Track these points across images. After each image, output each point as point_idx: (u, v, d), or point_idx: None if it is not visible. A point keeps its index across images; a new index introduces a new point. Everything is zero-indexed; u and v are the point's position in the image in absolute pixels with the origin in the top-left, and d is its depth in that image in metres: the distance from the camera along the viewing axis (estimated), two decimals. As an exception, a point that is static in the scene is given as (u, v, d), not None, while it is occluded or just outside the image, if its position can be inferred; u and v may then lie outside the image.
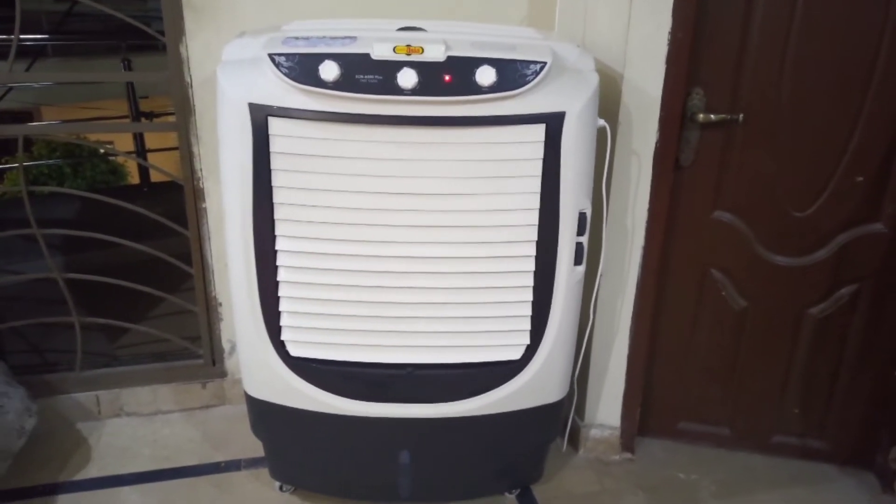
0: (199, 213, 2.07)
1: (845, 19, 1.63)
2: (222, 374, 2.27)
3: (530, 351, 1.62)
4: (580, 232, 1.53)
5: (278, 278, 1.52)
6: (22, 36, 1.88)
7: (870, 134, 1.72)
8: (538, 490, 1.96)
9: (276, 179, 1.44)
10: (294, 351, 1.59)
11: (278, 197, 1.45)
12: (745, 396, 2.05)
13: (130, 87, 4.23)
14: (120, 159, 6.30)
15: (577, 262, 1.56)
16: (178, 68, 1.91)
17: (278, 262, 1.51)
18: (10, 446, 1.83)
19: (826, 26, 1.64)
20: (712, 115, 1.75)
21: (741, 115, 1.73)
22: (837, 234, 1.83)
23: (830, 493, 1.98)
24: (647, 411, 2.11)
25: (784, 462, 2.08)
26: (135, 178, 6.04)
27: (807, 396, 2.01)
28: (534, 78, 1.38)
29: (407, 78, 1.35)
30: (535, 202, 1.48)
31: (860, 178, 1.76)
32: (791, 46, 1.67)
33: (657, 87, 1.70)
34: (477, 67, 1.36)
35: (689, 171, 1.82)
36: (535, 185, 1.46)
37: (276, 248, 1.49)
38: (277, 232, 1.48)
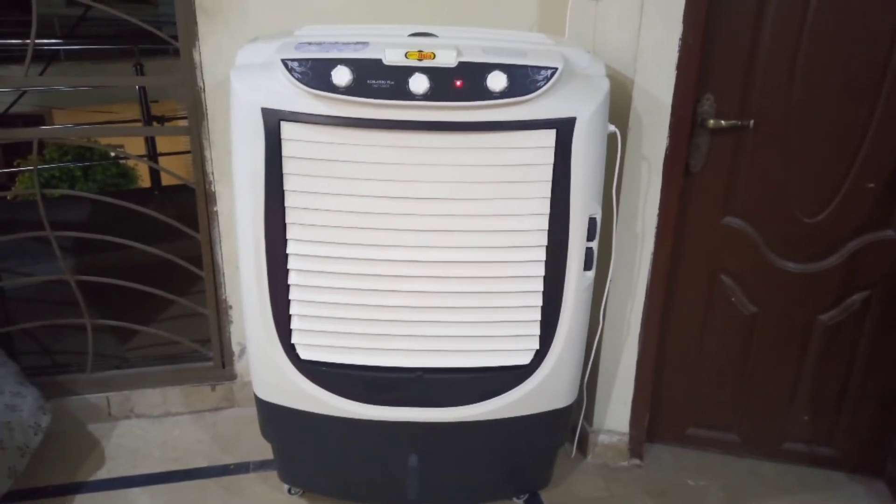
0: (211, 217, 2.08)
1: (856, 25, 1.63)
2: (232, 376, 2.28)
3: (539, 356, 1.62)
4: (590, 237, 1.54)
5: (289, 282, 1.53)
6: (38, 40, 1.89)
7: (881, 140, 1.71)
8: (546, 495, 1.96)
9: (288, 183, 1.44)
10: (304, 354, 1.60)
11: (290, 201, 1.46)
12: (754, 403, 2.04)
13: (142, 91, 4.27)
14: (130, 163, 6.34)
15: (587, 267, 1.56)
16: (190, 72, 1.93)
17: (289, 266, 1.52)
18: (28, 442, 1.85)
19: (837, 32, 1.64)
20: (723, 121, 1.75)
21: (752, 121, 1.73)
22: (848, 240, 1.82)
23: (839, 500, 1.97)
24: (655, 417, 2.11)
25: (793, 469, 2.07)
26: (145, 182, 6.09)
27: (816, 403, 2.00)
28: (545, 83, 1.39)
29: (418, 83, 1.36)
30: (546, 207, 1.48)
31: (871, 185, 1.76)
32: (802, 52, 1.67)
33: (668, 93, 1.70)
34: (488, 73, 1.37)
35: (699, 177, 1.82)
36: (546, 190, 1.47)
37: (287, 251, 1.50)
38: (288, 235, 1.49)
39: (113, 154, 5.95)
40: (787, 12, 1.64)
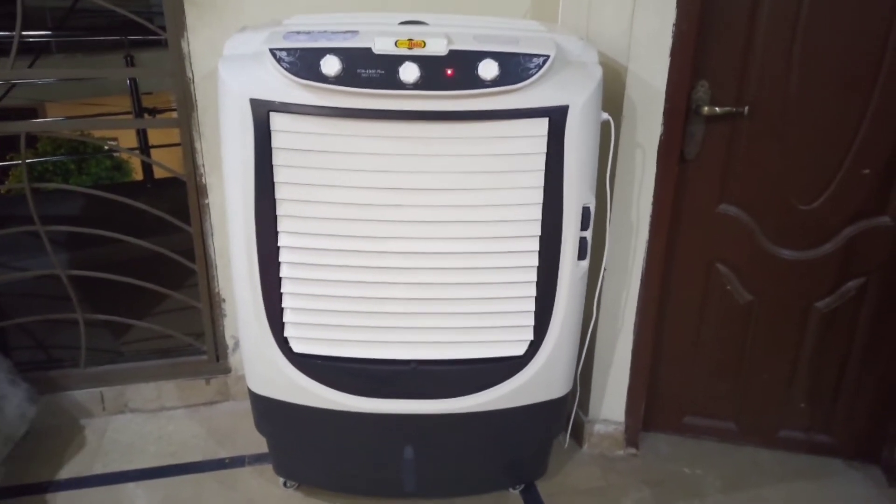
0: (202, 209, 2.07)
1: (853, 11, 1.62)
2: (226, 370, 2.27)
3: (534, 346, 1.61)
4: (584, 226, 1.52)
5: (281, 274, 1.52)
6: (25, 32, 1.87)
7: (877, 126, 1.70)
8: (542, 486, 1.96)
9: (279, 175, 1.43)
10: (297, 347, 1.59)
11: (280, 193, 1.45)
12: (750, 391, 2.04)
13: (133, 83, 4.23)
14: (124, 155, 6.31)
15: (581, 256, 1.55)
16: (179, 64, 1.91)
17: (281, 258, 1.50)
18: (14, 432, 1.84)
19: (833, 18, 1.62)
20: (717, 108, 1.73)
21: (746, 108, 1.72)
22: (844, 227, 1.81)
23: (837, 487, 1.98)
24: (651, 406, 2.10)
25: (790, 456, 2.08)
26: (139, 175, 6.05)
27: (813, 391, 2.00)
28: (537, 71, 1.37)
29: (409, 72, 1.34)
30: (539, 197, 1.47)
31: (867, 171, 1.75)
32: (798, 38, 1.65)
33: (661, 80, 1.68)
34: (479, 61, 1.35)
35: (693, 165, 1.81)
36: (539, 179, 1.45)
37: (279, 244, 1.49)
38: (280, 228, 1.48)
39: (106, 147, 5.92)
40: (783, -3, 1.63)
